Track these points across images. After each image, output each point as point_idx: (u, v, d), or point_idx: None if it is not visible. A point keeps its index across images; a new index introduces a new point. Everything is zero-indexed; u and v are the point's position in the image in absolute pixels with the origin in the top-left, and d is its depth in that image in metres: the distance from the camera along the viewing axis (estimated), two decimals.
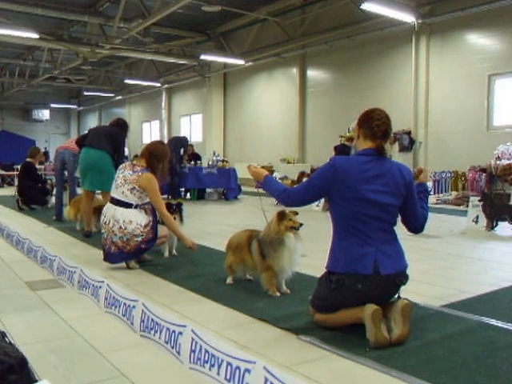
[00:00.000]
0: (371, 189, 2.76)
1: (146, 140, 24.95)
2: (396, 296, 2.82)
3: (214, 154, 13.06)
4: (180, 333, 2.57)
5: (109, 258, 4.46)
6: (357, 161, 2.85)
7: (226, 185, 12.05)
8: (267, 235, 3.50)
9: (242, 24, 16.32)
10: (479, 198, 7.01)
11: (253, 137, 18.08)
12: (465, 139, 11.51)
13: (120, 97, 25.22)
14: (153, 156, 4.56)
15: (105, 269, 4.40)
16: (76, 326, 3.01)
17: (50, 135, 30.13)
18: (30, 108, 28.82)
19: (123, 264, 4.49)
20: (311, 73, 15.81)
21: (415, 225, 3.01)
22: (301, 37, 14.97)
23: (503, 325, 2.95)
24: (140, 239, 4.37)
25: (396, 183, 2.82)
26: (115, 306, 3.22)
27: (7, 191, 14.22)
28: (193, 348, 2.44)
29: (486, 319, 3.04)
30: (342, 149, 9.19)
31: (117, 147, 6.20)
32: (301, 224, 3.45)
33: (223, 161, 12.87)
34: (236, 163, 15.05)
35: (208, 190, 12.47)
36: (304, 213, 3.81)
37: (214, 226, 7.52)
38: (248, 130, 18.34)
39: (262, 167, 3.94)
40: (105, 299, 3.36)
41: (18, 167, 17.27)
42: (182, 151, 11.89)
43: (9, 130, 26.61)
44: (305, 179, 8.10)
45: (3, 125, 28.36)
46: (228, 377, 2.20)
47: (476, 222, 7.07)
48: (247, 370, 2.12)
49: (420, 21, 11.72)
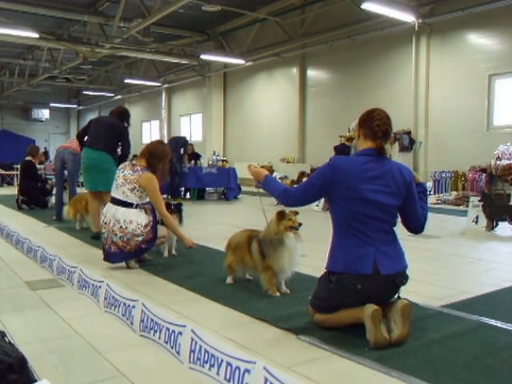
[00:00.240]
0: (371, 189, 2.76)
1: (146, 140, 24.95)
2: (396, 296, 2.82)
3: (214, 154, 13.04)
4: (180, 333, 2.56)
5: (109, 258, 4.45)
6: (357, 161, 2.85)
7: (226, 184, 12.04)
8: (267, 235, 3.50)
9: (242, 24, 16.32)
10: (479, 198, 7.01)
11: (253, 136, 18.08)
12: (465, 139, 11.51)
13: (120, 96, 25.21)
14: (153, 156, 4.55)
15: (104, 268, 4.40)
16: (76, 326, 3.01)
17: (50, 135, 30.12)
18: (30, 107, 28.81)
19: (123, 264, 4.49)
20: (311, 73, 15.81)
21: (415, 225, 3.00)
22: (301, 37, 14.96)
23: (503, 325, 2.95)
24: (140, 239, 4.36)
25: (396, 183, 2.82)
26: (115, 306, 3.21)
27: (7, 190, 14.21)
28: (192, 348, 2.44)
29: (486, 319, 3.03)
30: (342, 149, 9.18)
31: (120, 139, 6.04)
32: (300, 224, 3.45)
33: (223, 160, 12.86)
34: (236, 163, 15.04)
35: (208, 190, 12.46)
36: (304, 213, 3.81)
37: (214, 226, 7.52)
38: (248, 130, 18.34)
39: (262, 167, 3.94)
40: (104, 299, 3.36)
41: (18, 167, 17.38)
42: (182, 151, 11.89)
43: (8, 130, 26.58)
44: (305, 179, 8.09)
45: (3, 124, 28.35)
46: (228, 377, 2.19)
47: (476, 223, 7.06)
48: (247, 370, 2.12)
49: (420, 21, 11.71)
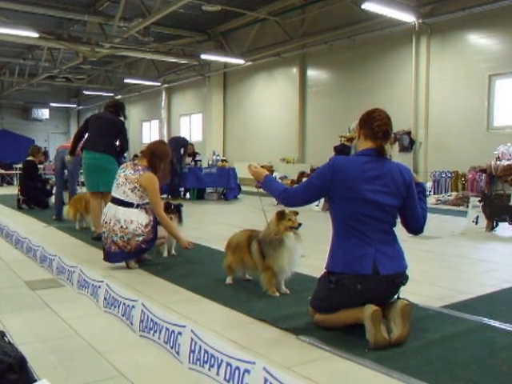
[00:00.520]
0: (371, 189, 2.76)
1: (146, 139, 24.94)
2: (396, 296, 2.82)
3: (214, 154, 13.04)
4: (179, 333, 2.56)
5: (109, 258, 4.45)
6: (356, 161, 2.85)
7: (226, 184, 12.03)
8: (267, 235, 3.50)
9: (242, 23, 16.31)
10: (479, 199, 7.00)
11: (253, 136, 18.07)
12: (465, 139, 11.50)
13: (120, 96, 25.17)
14: (154, 156, 4.57)
15: (104, 268, 4.39)
16: (75, 326, 3.01)
17: (50, 134, 30.07)
18: (30, 107, 28.77)
19: (123, 264, 4.49)
20: (311, 73, 15.80)
21: (415, 226, 3.00)
22: (301, 36, 14.95)
23: (503, 326, 2.94)
24: (141, 239, 4.37)
25: (396, 183, 2.82)
26: (114, 306, 3.21)
27: (7, 190, 14.21)
28: (192, 348, 2.44)
29: (486, 320, 3.03)
30: (342, 149, 9.17)
31: (118, 135, 6.06)
32: (300, 224, 3.45)
33: (223, 160, 12.86)
34: (236, 163, 15.03)
35: (208, 190, 12.45)
36: (304, 213, 3.81)
37: (214, 226, 7.52)
38: (248, 130, 18.33)
39: (262, 167, 3.93)
40: (104, 299, 3.36)
41: (18, 166, 17.37)
42: (182, 151, 11.89)
43: (8, 129, 26.57)
44: (304, 179, 8.09)
45: (3, 124, 28.32)
46: (227, 377, 2.19)
47: (476, 223, 7.06)
48: (247, 371, 2.12)
49: (420, 21, 11.71)
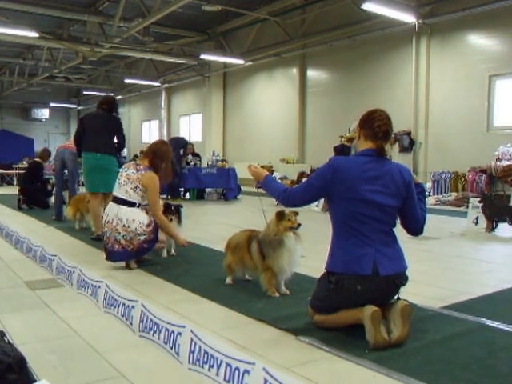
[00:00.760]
0: (370, 189, 2.75)
1: (146, 139, 24.95)
2: (395, 297, 2.81)
3: (214, 154, 13.04)
4: (179, 333, 2.56)
5: (111, 257, 4.47)
6: (356, 161, 2.85)
7: (226, 185, 12.03)
8: (267, 235, 3.50)
9: (242, 24, 16.30)
10: (479, 199, 7.00)
11: (252, 137, 18.07)
12: (465, 140, 11.50)
13: (120, 96, 25.12)
14: (156, 156, 4.62)
15: (104, 269, 4.39)
16: (75, 326, 3.01)
17: (50, 134, 30.05)
18: (30, 107, 28.75)
19: (122, 264, 4.50)
20: (311, 73, 15.80)
21: (415, 227, 2.99)
22: (301, 37, 14.96)
23: (503, 326, 2.94)
24: (142, 238, 4.39)
25: (395, 184, 2.82)
26: (114, 307, 3.21)
27: (6, 190, 14.20)
28: (192, 348, 2.43)
29: (486, 321, 3.03)
30: (342, 149, 9.17)
31: (116, 132, 6.10)
32: (299, 224, 3.45)
33: (222, 161, 12.86)
34: (236, 163, 15.03)
35: (207, 190, 12.45)
36: (303, 213, 3.80)
37: (213, 226, 7.52)
38: (248, 130, 18.32)
39: (262, 167, 3.93)
40: (104, 299, 3.36)
41: (17, 166, 17.37)
42: (182, 152, 11.88)
43: (8, 129, 26.57)
44: (304, 179, 8.08)
45: (2, 124, 28.31)
46: (227, 378, 2.19)
47: (476, 224, 7.05)
48: (246, 371, 2.11)
49: (420, 21, 11.72)
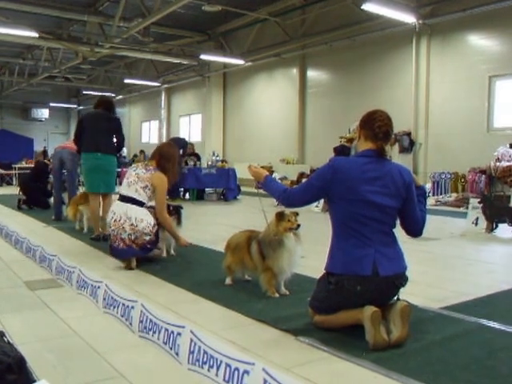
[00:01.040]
0: (370, 190, 2.75)
1: (145, 140, 24.96)
2: (395, 298, 2.82)
3: (214, 154, 13.04)
4: (179, 333, 2.56)
5: (116, 254, 4.54)
6: (356, 162, 2.85)
7: (226, 185, 12.02)
8: (267, 236, 3.50)
9: (242, 24, 16.30)
10: (479, 200, 7.00)
11: (252, 137, 18.06)
12: (465, 140, 11.50)
13: (119, 96, 25.18)
14: (163, 158, 4.71)
15: (103, 269, 4.39)
16: (74, 326, 3.00)
17: (49, 134, 30.04)
18: (30, 107, 28.74)
19: (122, 264, 4.51)
20: (311, 73, 15.80)
21: (415, 228, 2.99)
22: (301, 37, 14.95)
23: (503, 327, 2.94)
24: (148, 238, 4.45)
25: (395, 185, 2.82)
26: (114, 307, 3.21)
27: (6, 190, 14.19)
28: (191, 349, 2.43)
29: (486, 321, 3.03)
30: (342, 150, 9.16)
31: (116, 132, 6.12)
32: (298, 225, 3.44)
33: (222, 161, 12.85)
34: (235, 163, 15.02)
35: (207, 191, 12.45)
36: (303, 214, 3.80)
37: (213, 227, 7.52)
38: (248, 130, 18.32)
39: (262, 167, 3.93)
40: (103, 299, 3.35)
41: (17, 166, 17.35)
42: (182, 152, 11.87)
43: (8, 129, 26.56)
44: (304, 180, 8.08)
45: (2, 124, 28.31)
46: (227, 378, 2.19)
47: (476, 224, 7.05)
48: (246, 372, 2.11)
49: (421, 22, 11.71)
